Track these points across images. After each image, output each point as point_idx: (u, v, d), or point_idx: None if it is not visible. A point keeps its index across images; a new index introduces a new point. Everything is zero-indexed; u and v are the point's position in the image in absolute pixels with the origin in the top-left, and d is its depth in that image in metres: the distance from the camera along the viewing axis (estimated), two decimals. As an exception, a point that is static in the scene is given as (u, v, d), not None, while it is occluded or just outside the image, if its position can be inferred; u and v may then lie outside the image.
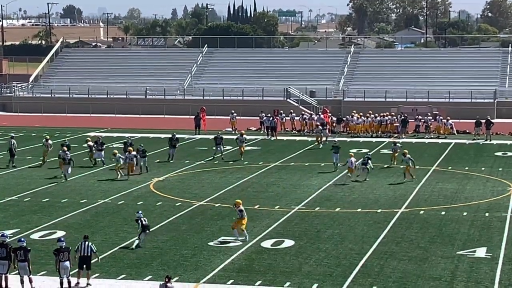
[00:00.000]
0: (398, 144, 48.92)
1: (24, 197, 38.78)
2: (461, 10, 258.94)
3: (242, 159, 49.60)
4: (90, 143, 48.52)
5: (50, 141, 49.15)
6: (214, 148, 51.04)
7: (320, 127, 58.23)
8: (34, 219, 34.13)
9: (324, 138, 57.04)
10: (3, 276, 24.74)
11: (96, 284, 25.42)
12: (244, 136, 51.23)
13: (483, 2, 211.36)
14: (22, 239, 25.26)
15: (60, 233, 31.32)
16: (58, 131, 64.31)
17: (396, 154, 46.75)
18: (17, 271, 24.79)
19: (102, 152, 47.59)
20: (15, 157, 47.88)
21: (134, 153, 44.36)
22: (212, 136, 53.64)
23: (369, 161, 42.79)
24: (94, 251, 25.42)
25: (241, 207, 30.52)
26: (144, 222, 29.21)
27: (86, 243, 25.40)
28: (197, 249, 29.27)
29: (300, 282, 25.47)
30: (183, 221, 33.86)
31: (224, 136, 60.76)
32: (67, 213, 35.33)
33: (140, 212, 29.70)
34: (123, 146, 48.35)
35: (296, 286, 25.21)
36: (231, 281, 25.65)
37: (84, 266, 25.20)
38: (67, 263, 24.53)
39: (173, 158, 49.60)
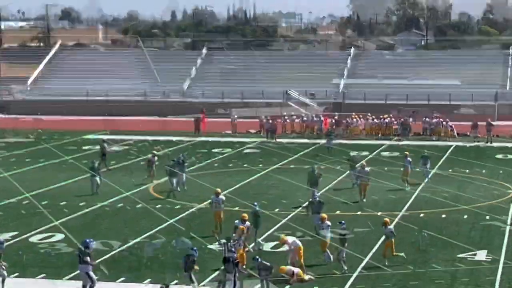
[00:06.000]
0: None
1: (23, 200, 38.68)
2: (461, 12, 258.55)
3: (365, 200, 38.25)
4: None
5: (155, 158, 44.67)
6: (350, 172, 43.11)
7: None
8: (34, 222, 34.04)
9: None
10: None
11: None
12: (366, 169, 39.30)
13: (484, 4, 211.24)
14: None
15: (59, 236, 31.27)
16: (56, 134, 64.25)
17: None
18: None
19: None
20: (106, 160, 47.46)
21: (222, 197, 32.99)
22: (213, 140, 53.33)
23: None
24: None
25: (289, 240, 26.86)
26: None
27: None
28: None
29: (300, 285, 25.35)
30: (182, 224, 33.74)
31: (223, 139, 60.83)
32: (66, 215, 35.25)
33: None
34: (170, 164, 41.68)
35: (296, 289, 25.13)
36: (231, 284, 25.52)
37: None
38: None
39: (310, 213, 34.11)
